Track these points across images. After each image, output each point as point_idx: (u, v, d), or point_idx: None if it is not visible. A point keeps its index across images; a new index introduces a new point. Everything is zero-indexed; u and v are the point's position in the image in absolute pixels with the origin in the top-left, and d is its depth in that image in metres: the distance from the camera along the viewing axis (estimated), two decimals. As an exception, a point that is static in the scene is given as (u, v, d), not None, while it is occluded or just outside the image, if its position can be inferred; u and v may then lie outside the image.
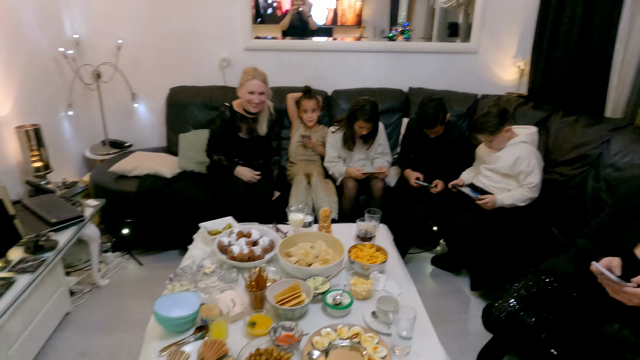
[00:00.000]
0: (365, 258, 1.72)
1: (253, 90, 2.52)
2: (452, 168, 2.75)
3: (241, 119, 2.65)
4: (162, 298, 1.44)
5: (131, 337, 2.10)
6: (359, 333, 1.37)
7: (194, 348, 1.31)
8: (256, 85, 2.52)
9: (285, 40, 3.36)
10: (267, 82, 2.60)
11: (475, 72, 3.41)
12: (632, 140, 2.28)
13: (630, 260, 1.40)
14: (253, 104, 2.54)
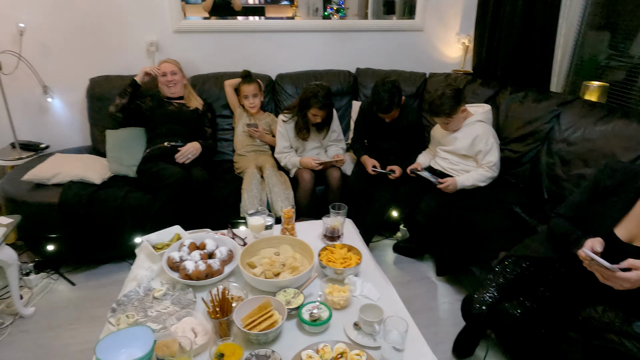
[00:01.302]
0: (338, 261, 1.56)
1: (165, 72, 2.60)
2: (408, 152, 2.67)
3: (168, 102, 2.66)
4: (105, 339, 1.19)
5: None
6: (345, 352, 1.21)
7: (153, 397, 1.08)
8: (165, 66, 2.61)
9: (221, 20, 3.04)
10: (179, 65, 2.68)
11: (422, 50, 3.33)
12: (581, 114, 2.30)
13: (610, 240, 1.36)
14: (166, 85, 2.62)
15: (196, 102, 2.71)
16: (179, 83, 2.66)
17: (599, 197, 1.45)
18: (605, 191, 1.43)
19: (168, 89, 2.63)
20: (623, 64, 2.65)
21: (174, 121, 2.60)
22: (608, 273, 1.22)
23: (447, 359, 1.92)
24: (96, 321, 2.08)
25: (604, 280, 1.25)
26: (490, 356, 1.90)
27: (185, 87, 2.71)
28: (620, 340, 1.32)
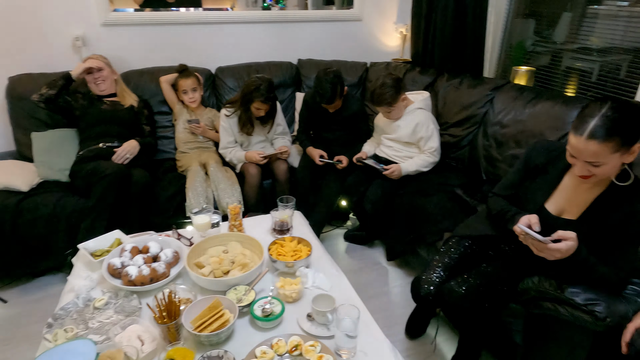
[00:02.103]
0: (289, 254, 1.55)
1: (90, 68, 2.44)
2: (354, 141, 2.70)
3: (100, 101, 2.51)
4: (41, 357, 1.10)
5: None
6: (299, 344, 1.21)
7: (98, 414, 1.02)
8: (90, 63, 2.43)
9: (154, 12, 2.89)
10: (105, 60, 2.53)
11: (362, 40, 3.37)
12: (512, 97, 2.43)
13: (541, 214, 1.45)
14: (94, 83, 2.48)
15: (130, 99, 2.57)
16: (108, 79, 2.50)
17: (529, 175, 1.54)
18: (535, 169, 1.52)
19: (97, 87, 2.48)
20: (547, 49, 2.82)
21: (108, 121, 2.46)
22: (541, 245, 1.30)
23: (401, 340, 1.98)
24: (33, 339, 1.94)
25: (538, 253, 1.34)
26: (440, 333, 1.98)
27: (116, 84, 2.57)
28: (554, 307, 1.42)
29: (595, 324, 1.31)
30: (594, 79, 2.51)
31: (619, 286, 1.40)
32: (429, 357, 1.88)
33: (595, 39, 2.48)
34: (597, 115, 1.20)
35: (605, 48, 2.42)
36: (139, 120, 2.57)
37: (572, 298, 1.35)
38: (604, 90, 2.43)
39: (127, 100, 2.56)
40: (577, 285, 1.37)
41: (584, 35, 2.54)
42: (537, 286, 1.47)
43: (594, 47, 2.48)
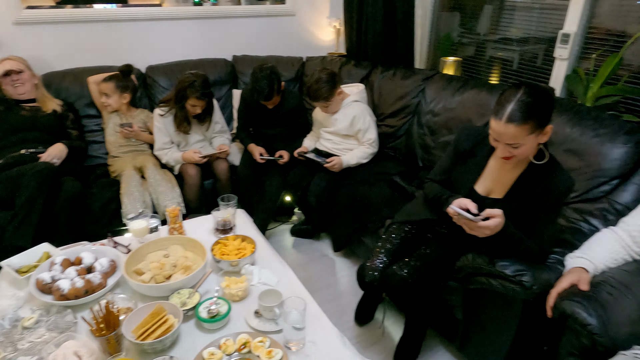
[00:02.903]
0: (233, 253, 1.53)
1: (7, 70, 2.26)
2: (294, 136, 2.70)
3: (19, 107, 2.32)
4: (-38, 387, 1.01)
5: None
6: (247, 341, 1.20)
7: None
8: (6, 64, 2.27)
9: (73, 9, 2.70)
10: (25, 62, 2.37)
11: (296, 35, 3.37)
12: (441, 87, 2.55)
13: (471, 195, 1.55)
14: (11, 85, 2.30)
15: (53, 104, 2.40)
16: (27, 83, 2.33)
17: (459, 159, 1.63)
18: (463, 154, 1.61)
19: (14, 90, 2.30)
20: (472, 40, 2.98)
21: (30, 127, 2.29)
22: (472, 224, 1.39)
23: (351, 327, 2.02)
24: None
25: (469, 231, 1.42)
26: (387, 317, 2.05)
27: (37, 88, 2.39)
28: (488, 280, 1.52)
29: (523, 293, 1.42)
30: (515, 67, 2.69)
31: (543, 257, 1.53)
32: (378, 341, 1.94)
33: (514, 30, 2.66)
34: (513, 100, 1.30)
35: (523, 38, 2.60)
36: (64, 125, 2.41)
37: (502, 271, 1.46)
38: (523, 77, 2.61)
39: (49, 105, 2.39)
40: (506, 259, 1.47)
41: (504, 26, 2.71)
42: (471, 263, 1.57)
43: (513, 38, 2.65)
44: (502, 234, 1.40)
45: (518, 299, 1.48)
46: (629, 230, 1.44)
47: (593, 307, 1.25)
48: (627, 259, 1.45)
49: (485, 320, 1.65)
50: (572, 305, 1.28)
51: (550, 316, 1.35)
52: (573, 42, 2.26)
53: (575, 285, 1.34)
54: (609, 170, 1.73)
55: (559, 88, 2.36)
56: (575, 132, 1.85)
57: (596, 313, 1.24)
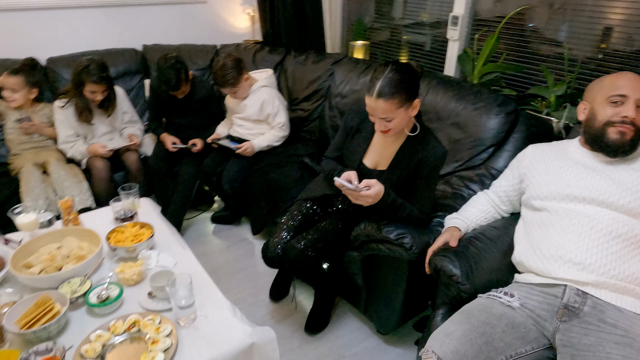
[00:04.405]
0: (129, 239, 1.54)
1: None
2: (208, 124, 2.71)
3: None
4: None
5: None
6: (137, 321, 1.24)
7: None
8: None
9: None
10: None
11: (210, 22, 3.34)
12: (349, 70, 2.65)
13: (361, 169, 1.66)
14: None
15: None
16: None
17: (348, 135, 1.73)
18: (351, 130, 1.71)
19: None
20: (385, 25, 3.10)
21: None
22: (355, 194, 1.49)
23: (267, 304, 2.10)
24: None
25: (355, 201, 1.52)
26: (299, 292, 2.15)
27: None
28: (377, 246, 1.64)
29: (406, 254, 1.56)
30: (428, 49, 2.82)
31: (425, 221, 1.68)
32: (292, 314, 2.04)
33: (425, 15, 2.79)
34: (382, 77, 1.40)
35: (435, 22, 2.72)
36: None
37: (387, 236, 1.58)
38: (434, 58, 2.74)
39: None
40: (391, 225, 1.60)
41: (415, 11, 2.83)
42: (363, 231, 1.69)
43: (425, 22, 2.78)
44: (383, 202, 1.51)
45: (404, 261, 1.62)
46: (497, 191, 1.62)
47: (459, 260, 1.41)
48: (497, 216, 1.63)
49: (380, 284, 1.78)
50: (441, 260, 1.42)
51: (428, 272, 1.50)
52: (462, 24, 2.43)
53: (448, 243, 1.48)
54: (486, 139, 1.91)
55: (452, 67, 2.55)
56: (458, 106, 2.02)
57: (461, 265, 1.39)
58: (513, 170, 1.58)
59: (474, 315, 1.23)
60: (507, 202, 1.59)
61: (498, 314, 1.22)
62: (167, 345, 1.17)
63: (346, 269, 1.86)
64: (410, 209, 1.59)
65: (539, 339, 1.20)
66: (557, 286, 1.25)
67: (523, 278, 1.35)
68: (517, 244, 1.44)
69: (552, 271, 1.27)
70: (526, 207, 1.49)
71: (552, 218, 1.36)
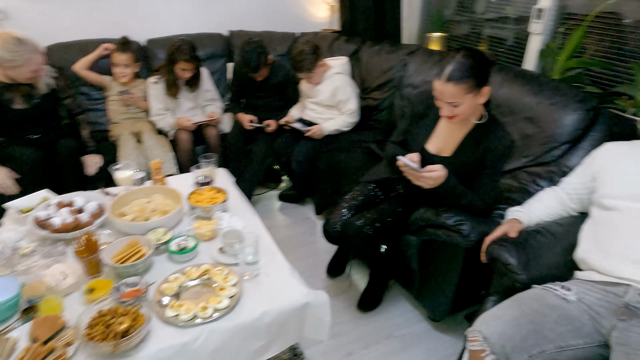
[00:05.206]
0: (206, 201, 1.72)
1: (37, 69, 2.18)
2: (282, 107, 2.86)
3: (9, 88, 2.21)
4: (-33, 291, 1.22)
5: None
6: (208, 269, 1.39)
7: (23, 331, 1.16)
8: (40, 62, 2.19)
9: (79, -17, 2.89)
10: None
11: (291, 11, 3.50)
12: (423, 60, 2.66)
13: (424, 154, 1.69)
14: (35, 79, 2.24)
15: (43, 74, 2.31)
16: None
17: (414, 121, 1.77)
18: (417, 115, 1.75)
19: (34, 80, 2.25)
20: (467, 18, 3.04)
21: (23, 120, 2.30)
22: (416, 174, 1.53)
23: (323, 279, 2.21)
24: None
25: (415, 181, 1.57)
26: (356, 272, 2.23)
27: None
28: (434, 231, 1.68)
29: (463, 241, 1.58)
30: (510, 44, 2.72)
31: (486, 212, 1.68)
32: (346, 291, 2.13)
33: (509, 8, 2.71)
34: (452, 62, 1.43)
35: (517, 17, 2.63)
36: (56, 100, 2.42)
37: (445, 221, 1.61)
38: (516, 54, 2.65)
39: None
40: (450, 211, 1.62)
41: (499, 4, 2.75)
42: (421, 215, 1.72)
43: (509, 16, 2.70)
44: (444, 186, 1.54)
45: (460, 248, 1.64)
46: (566, 189, 1.57)
47: (517, 250, 1.41)
48: (563, 214, 1.59)
49: (435, 270, 1.81)
50: (498, 248, 1.43)
51: (483, 260, 1.51)
52: (546, 17, 2.34)
53: (507, 234, 1.48)
54: (560, 136, 1.84)
55: (532, 62, 2.46)
56: (533, 100, 1.96)
57: (518, 255, 1.39)
58: (586, 167, 1.53)
59: (526, 302, 1.23)
60: (576, 201, 1.55)
61: (552, 304, 1.21)
62: (232, 293, 1.31)
63: (402, 253, 1.90)
64: (471, 197, 1.60)
65: (593, 334, 1.18)
66: (619, 285, 1.22)
67: (584, 275, 1.32)
68: (582, 241, 1.40)
69: (616, 270, 1.24)
70: (596, 205, 1.44)
71: (622, 218, 1.31)
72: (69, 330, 1.17)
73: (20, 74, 2.14)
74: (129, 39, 2.75)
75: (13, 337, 1.14)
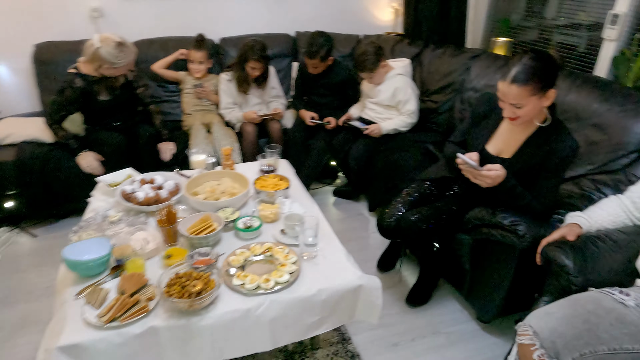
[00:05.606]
0: (270, 186, 1.85)
1: (131, 68, 2.47)
2: (342, 105, 2.96)
3: (97, 82, 2.44)
4: (69, 246, 1.42)
5: (36, 305, 2.02)
6: (271, 247, 1.51)
7: (113, 284, 1.34)
8: (133, 63, 2.45)
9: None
10: None
11: (356, 14, 3.60)
12: (486, 65, 2.66)
13: (483, 154, 1.72)
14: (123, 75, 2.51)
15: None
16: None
17: (475, 122, 1.79)
18: (479, 117, 1.77)
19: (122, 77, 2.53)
20: (535, 24, 2.98)
21: (106, 110, 2.57)
22: (475, 172, 1.57)
23: (373, 273, 2.26)
24: (59, 264, 2.28)
25: (473, 179, 1.60)
26: (406, 268, 2.28)
27: None
28: (489, 231, 1.69)
29: (518, 242, 1.58)
30: (581, 51, 2.64)
31: (545, 215, 1.67)
32: (395, 285, 2.18)
33: (582, 14, 2.64)
34: (518, 63, 1.45)
35: (590, 23, 2.56)
36: (132, 90, 2.66)
37: (501, 221, 1.62)
38: (587, 61, 2.58)
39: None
40: (506, 211, 1.64)
41: (572, 10, 2.69)
42: (477, 214, 1.75)
43: (581, 23, 2.63)
44: (502, 186, 1.56)
45: (515, 249, 1.64)
46: (632, 197, 1.53)
47: (574, 253, 1.40)
48: (627, 222, 1.55)
49: (487, 270, 1.82)
50: (554, 250, 1.43)
51: (538, 262, 1.51)
52: (622, 23, 2.26)
53: (565, 237, 1.47)
54: (629, 144, 1.79)
55: (604, 69, 2.38)
56: (602, 107, 1.92)
57: (575, 258, 1.38)
58: (655, 176, 1.49)
59: (581, 303, 1.23)
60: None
61: (608, 307, 1.21)
62: (292, 270, 1.42)
63: (454, 251, 1.93)
64: (530, 199, 1.60)
65: (651, 341, 1.16)
66: (682, 295, 1.19)
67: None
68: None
69: (680, 280, 1.21)
70: (663, 215, 1.40)
71: (692, 227, 1.27)
72: (150, 288, 1.33)
73: (115, 72, 2.40)
74: (204, 36, 2.97)
75: (105, 288, 1.32)
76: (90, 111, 2.52)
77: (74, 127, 2.56)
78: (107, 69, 2.35)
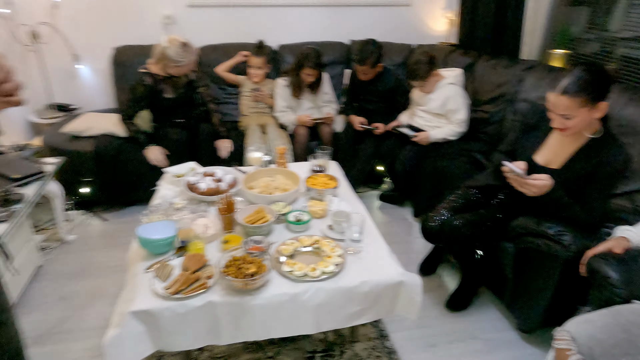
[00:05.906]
0: (320, 185, 1.96)
1: (193, 69, 2.71)
2: (392, 112, 3.04)
3: (164, 81, 2.69)
4: (141, 226, 1.60)
5: (107, 281, 2.25)
6: (318, 240, 1.62)
7: (177, 262, 1.50)
8: (195, 63, 2.70)
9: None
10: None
11: (409, 24, 3.67)
12: (541, 77, 2.64)
13: (531, 164, 1.74)
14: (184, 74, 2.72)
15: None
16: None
17: (524, 132, 1.82)
18: (528, 127, 1.80)
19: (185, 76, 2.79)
20: (597, 37, 2.92)
21: (171, 107, 2.81)
22: (521, 180, 1.60)
23: (414, 276, 2.32)
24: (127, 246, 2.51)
25: (519, 188, 1.63)
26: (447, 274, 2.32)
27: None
28: (534, 240, 1.71)
29: (563, 252, 1.60)
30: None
31: (592, 227, 1.66)
32: (435, 289, 2.22)
33: None
34: (570, 75, 1.48)
35: None
36: (194, 89, 2.90)
37: (546, 231, 1.64)
38: None
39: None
40: (552, 221, 1.65)
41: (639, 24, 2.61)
42: (521, 223, 1.77)
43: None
44: (548, 196, 1.58)
45: (559, 259, 1.65)
46: (688, 215, 1.51)
47: (619, 265, 1.40)
48: (681, 240, 1.52)
49: (529, 279, 1.82)
50: (599, 261, 1.44)
51: (583, 273, 1.51)
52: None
53: (611, 250, 1.47)
54: (689, 161, 1.75)
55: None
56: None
57: (621, 271, 1.39)
58: None
59: (623, 314, 1.24)
60: (697, 228, 1.48)
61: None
62: (337, 262, 1.51)
63: (497, 260, 1.95)
64: (577, 210, 1.61)
65: (694, 356, 1.15)
66: None
67: (694, 301, 1.28)
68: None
69: None
70: None
71: None
72: (210, 267, 1.47)
73: (179, 71, 2.63)
74: (264, 43, 3.16)
75: (171, 265, 1.48)
76: (157, 108, 2.77)
77: (144, 123, 2.82)
78: (172, 68, 2.59)
